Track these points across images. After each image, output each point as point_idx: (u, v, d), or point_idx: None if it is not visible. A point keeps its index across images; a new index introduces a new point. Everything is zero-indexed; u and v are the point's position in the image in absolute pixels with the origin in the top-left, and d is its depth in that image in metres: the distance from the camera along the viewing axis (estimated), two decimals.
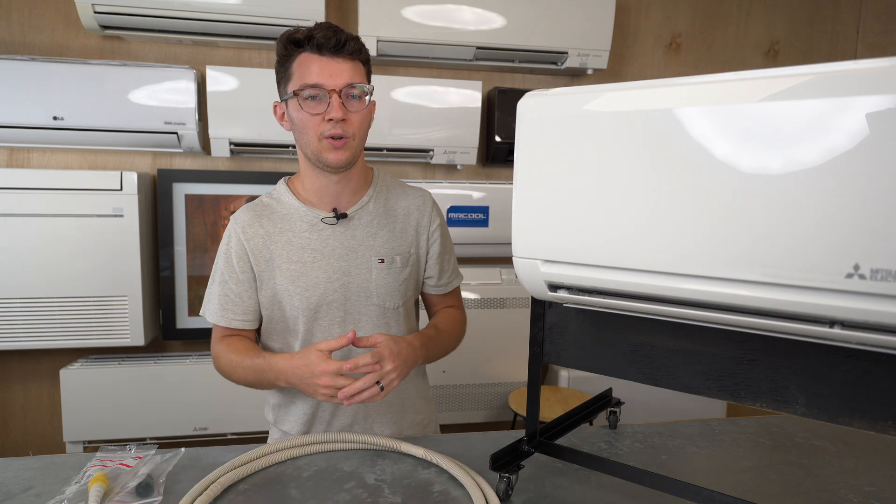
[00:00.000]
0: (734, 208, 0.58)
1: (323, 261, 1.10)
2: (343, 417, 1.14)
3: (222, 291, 1.11)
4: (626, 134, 0.65)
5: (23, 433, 2.24)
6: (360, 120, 1.05)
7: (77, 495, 0.81)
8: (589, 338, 0.82)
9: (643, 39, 2.58)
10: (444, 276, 1.23)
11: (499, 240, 2.38)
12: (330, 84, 1.00)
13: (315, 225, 1.11)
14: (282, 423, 1.16)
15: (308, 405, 1.13)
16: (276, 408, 1.17)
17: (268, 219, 1.11)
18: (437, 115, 2.24)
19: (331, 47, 1.00)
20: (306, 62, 1.01)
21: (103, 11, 1.92)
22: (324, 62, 1.00)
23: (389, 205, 1.16)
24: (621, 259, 0.67)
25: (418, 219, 1.18)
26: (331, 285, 1.10)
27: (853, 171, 0.51)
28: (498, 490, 0.84)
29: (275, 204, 1.13)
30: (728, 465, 0.99)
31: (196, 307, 2.20)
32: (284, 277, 1.09)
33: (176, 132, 2.06)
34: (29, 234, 1.93)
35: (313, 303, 1.09)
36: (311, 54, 1.01)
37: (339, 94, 1.00)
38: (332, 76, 1.00)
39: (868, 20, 2.75)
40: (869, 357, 0.60)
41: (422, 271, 1.21)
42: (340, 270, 1.10)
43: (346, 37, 1.00)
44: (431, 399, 1.29)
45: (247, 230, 1.10)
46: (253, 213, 1.12)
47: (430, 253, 1.20)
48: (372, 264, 1.12)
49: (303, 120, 1.03)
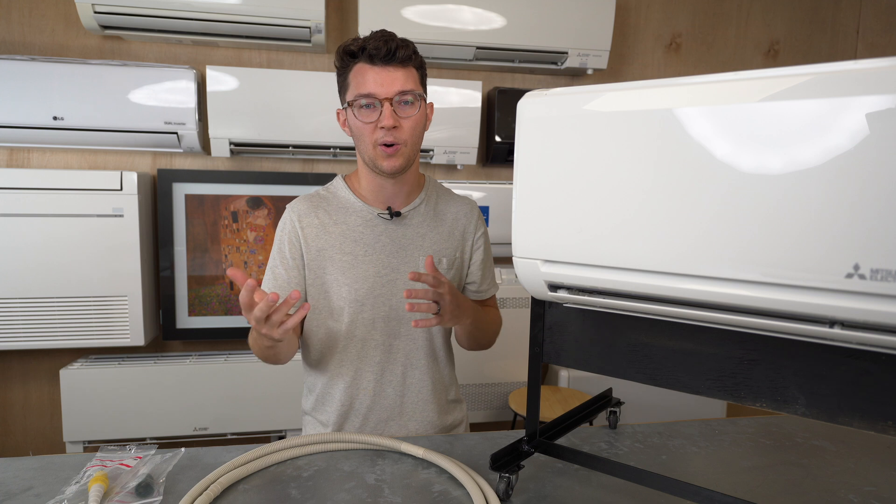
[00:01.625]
0: (734, 208, 0.58)
1: (374, 255, 1.14)
2: (380, 411, 1.16)
3: (272, 276, 1.15)
4: (626, 134, 0.65)
5: (23, 433, 2.24)
6: (413, 126, 1.08)
7: (77, 495, 0.81)
8: (589, 338, 0.82)
9: (643, 39, 2.58)
10: (485, 282, 1.27)
11: (499, 240, 2.38)
12: (382, 93, 1.04)
13: (369, 220, 1.15)
14: (319, 413, 1.19)
15: (346, 396, 1.16)
16: (317, 396, 1.19)
17: (324, 210, 1.16)
18: (437, 115, 2.24)
19: (382, 57, 1.04)
20: (361, 72, 1.06)
21: (103, 11, 1.92)
22: (376, 71, 1.04)
23: (439, 209, 1.21)
24: (621, 259, 0.67)
25: (465, 225, 1.22)
26: (379, 279, 1.13)
27: (853, 171, 0.51)
28: (498, 490, 0.84)
29: (331, 197, 1.18)
30: (728, 465, 0.99)
31: (196, 307, 2.20)
32: (335, 268, 1.12)
33: (176, 132, 2.06)
34: (29, 234, 1.93)
35: (361, 294, 1.12)
36: (365, 64, 1.05)
37: (391, 101, 1.04)
38: (384, 85, 1.04)
39: (868, 20, 2.75)
40: (869, 357, 0.60)
41: (464, 276, 1.25)
42: (390, 266, 1.14)
43: (396, 45, 1.04)
44: (463, 402, 1.31)
45: (303, 218, 1.14)
46: (310, 203, 1.16)
47: (473, 259, 1.25)
48: (420, 263, 1.16)
49: (358, 128, 1.08)
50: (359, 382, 1.16)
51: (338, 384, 1.16)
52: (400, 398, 1.17)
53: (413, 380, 1.18)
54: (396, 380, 1.16)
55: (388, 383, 1.16)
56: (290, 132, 2.15)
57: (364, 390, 1.15)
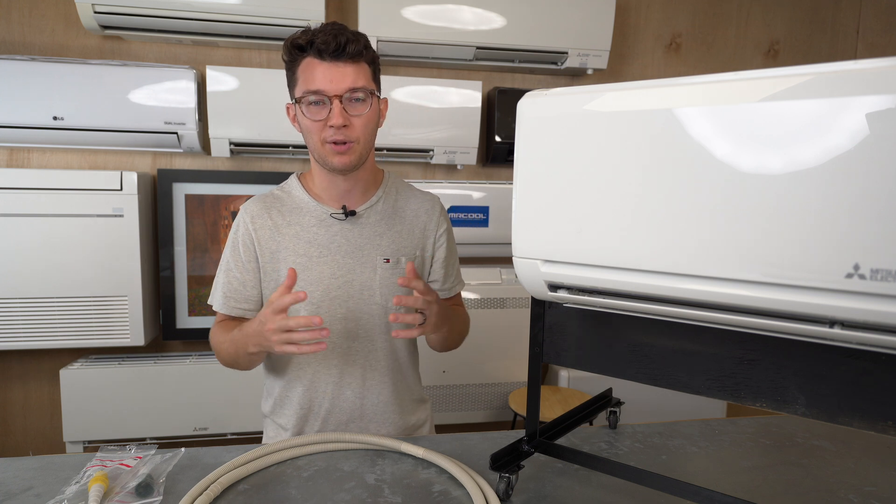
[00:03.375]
0: (734, 208, 0.58)
1: (329, 256, 1.10)
2: (339, 414, 1.14)
3: (226, 279, 1.12)
4: (626, 134, 0.65)
5: (23, 433, 2.24)
6: (364, 123, 1.04)
7: (77, 495, 0.81)
8: (589, 338, 0.82)
9: (643, 39, 2.58)
10: (449, 280, 1.24)
11: (499, 240, 2.38)
12: (331, 90, 0.99)
13: (323, 220, 1.12)
14: (278, 416, 1.17)
15: (304, 399, 1.14)
16: (276, 400, 1.17)
17: (277, 211, 1.12)
18: (437, 115, 2.24)
19: (331, 52, 0.99)
20: (309, 67, 1.01)
21: (103, 11, 1.92)
22: (325, 67, 1.00)
23: (398, 206, 1.17)
24: (621, 259, 0.67)
25: (426, 221, 1.19)
26: (335, 282, 1.10)
27: (853, 171, 0.51)
28: (498, 490, 0.84)
29: (285, 197, 1.14)
30: (728, 465, 0.99)
31: (196, 307, 2.20)
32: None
33: (176, 132, 2.06)
34: (29, 234, 1.93)
35: (316, 298, 1.09)
36: (314, 59, 1.00)
37: (341, 99, 1.00)
38: (334, 81, 0.99)
39: (868, 20, 2.75)
40: (869, 357, 0.60)
41: (426, 274, 1.21)
42: (345, 268, 1.11)
43: (346, 39, 0.99)
44: (428, 401, 1.29)
45: (255, 220, 1.11)
46: (263, 204, 1.13)
47: (435, 256, 1.21)
48: (377, 263, 1.12)
49: (307, 125, 1.04)
50: (317, 385, 1.13)
51: (296, 388, 1.14)
52: (360, 400, 1.14)
53: (373, 381, 1.15)
54: (356, 382, 1.14)
55: (348, 385, 1.13)
56: (291, 132, 2.15)
57: (322, 393, 1.13)
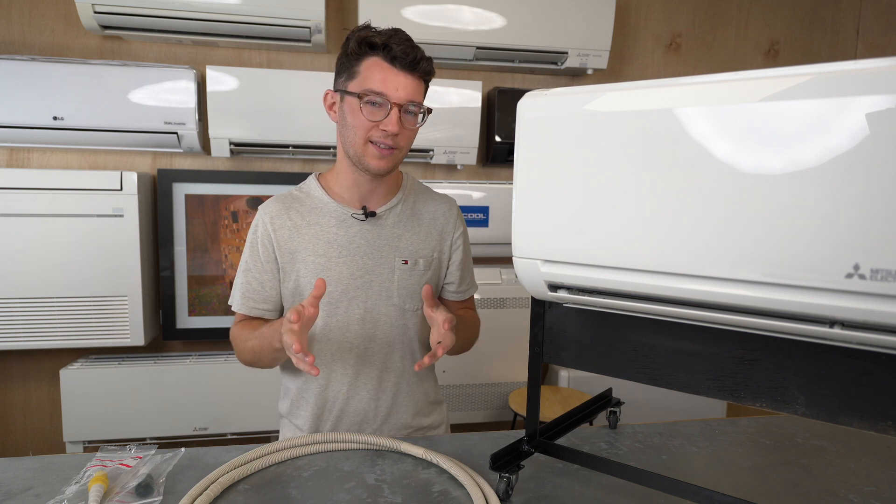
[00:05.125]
0: (734, 208, 0.58)
1: (348, 257, 1.11)
2: (353, 415, 1.15)
3: (245, 280, 1.13)
4: (626, 134, 0.65)
5: (23, 433, 2.24)
6: (411, 135, 1.08)
7: (77, 495, 0.81)
8: (589, 338, 0.82)
9: (643, 39, 2.58)
10: (464, 282, 1.25)
11: (499, 240, 2.38)
12: (394, 97, 1.02)
13: (344, 221, 1.13)
14: (295, 417, 1.18)
15: (319, 399, 1.14)
16: (292, 400, 1.18)
17: (296, 211, 1.13)
18: (437, 115, 2.24)
19: (407, 62, 1.02)
20: (377, 67, 1.02)
21: (103, 11, 1.92)
22: (395, 74, 1.02)
23: (416, 208, 1.19)
24: (621, 259, 0.67)
25: (443, 224, 1.20)
26: (353, 282, 1.11)
27: (853, 172, 0.51)
28: (498, 490, 0.84)
29: (304, 197, 1.15)
30: (728, 465, 0.99)
31: (196, 307, 2.20)
32: (308, 270, 1.10)
33: (176, 132, 2.06)
34: (29, 234, 1.93)
35: (334, 298, 1.10)
36: (384, 62, 1.02)
37: (400, 108, 1.02)
38: (398, 89, 1.02)
39: (868, 20, 2.75)
40: (869, 357, 0.60)
41: (442, 276, 1.23)
42: (364, 268, 1.12)
43: (421, 55, 1.03)
44: (443, 403, 1.29)
45: (275, 220, 1.12)
46: (282, 205, 1.14)
47: (451, 259, 1.22)
48: (395, 265, 1.13)
49: (357, 122, 1.04)
50: (332, 385, 1.13)
51: (311, 387, 1.14)
52: (374, 401, 1.15)
53: (389, 383, 1.15)
54: (371, 383, 1.14)
55: (363, 386, 1.14)
56: (290, 132, 2.15)
57: (337, 392, 1.13)
